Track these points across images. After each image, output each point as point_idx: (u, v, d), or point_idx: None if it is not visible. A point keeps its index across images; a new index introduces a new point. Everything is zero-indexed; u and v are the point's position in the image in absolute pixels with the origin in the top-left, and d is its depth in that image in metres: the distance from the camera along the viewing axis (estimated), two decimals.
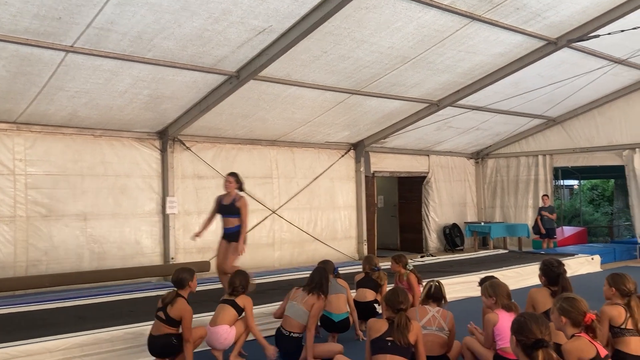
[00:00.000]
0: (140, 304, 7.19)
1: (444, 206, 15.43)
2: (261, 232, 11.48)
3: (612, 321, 4.25)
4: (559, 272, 4.85)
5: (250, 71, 8.29)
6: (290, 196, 11.99)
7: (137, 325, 5.71)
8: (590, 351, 3.43)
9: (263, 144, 11.61)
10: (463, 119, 12.78)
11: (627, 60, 11.16)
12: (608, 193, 23.61)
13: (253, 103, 9.68)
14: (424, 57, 9.28)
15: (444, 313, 4.88)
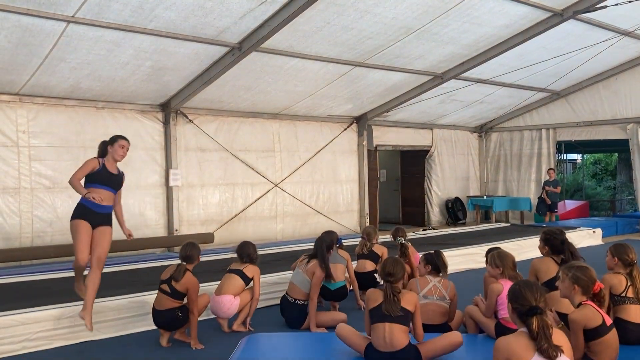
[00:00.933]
0: (145, 274, 7.27)
1: (446, 180, 15.43)
2: (264, 205, 11.53)
3: (612, 289, 4.30)
4: (563, 239, 4.88)
5: (252, 42, 8.23)
6: (293, 170, 12.00)
7: (142, 294, 5.79)
8: (596, 319, 3.49)
9: (265, 117, 11.58)
10: (467, 92, 12.70)
11: (634, 32, 11.03)
12: (611, 167, 23.55)
13: (255, 75, 9.62)
14: (428, 29, 9.18)
15: (445, 283, 4.93)
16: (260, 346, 4.50)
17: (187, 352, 4.89)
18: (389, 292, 3.96)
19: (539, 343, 2.84)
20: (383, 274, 4.11)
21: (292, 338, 4.81)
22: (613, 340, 3.52)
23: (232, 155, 11.00)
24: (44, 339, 5.04)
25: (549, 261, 4.84)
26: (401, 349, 3.87)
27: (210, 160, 10.74)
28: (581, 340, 3.49)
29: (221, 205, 10.90)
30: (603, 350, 3.48)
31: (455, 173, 15.68)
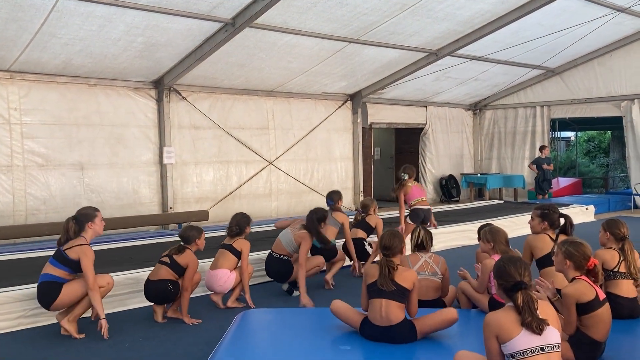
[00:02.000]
0: (140, 251, 7.28)
1: (440, 158, 15.45)
2: (258, 183, 11.53)
3: (605, 264, 4.35)
4: (561, 213, 4.92)
5: (246, 18, 8.13)
6: (287, 147, 11.97)
7: (137, 271, 5.80)
8: (589, 294, 3.52)
9: (259, 95, 11.50)
10: (462, 69, 12.64)
11: (630, 8, 10.97)
12: (604, 145, 23.64)
13: (249, 52, 9.53)
14: (424, 4, 9.10)
15: (436, 258, 4.97)
16: (255, 322, 4.53)
17: (183, 329, 4.93)
18: (384, 266, 3.98)
19: (524, 317, 2.87)
20: (381, 247, 4.13)
21: (287, 314, 4.85)
22: (605, 314, 3.57)
23: (226, 133, 10.95)
24: (39, 315, 5.05)
25: (544, 237, 4.87)
26: (397, 324, 3.91)
27: (204, 138, 10.69)
28: (573, 314, 3.53)
29: (215, 183, 10.88)
30: (595, 324, 3.53)
31: (449, 151, 15.69)
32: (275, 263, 5.83)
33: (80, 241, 4.64)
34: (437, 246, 8.25)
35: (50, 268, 4.66)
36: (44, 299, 4.65)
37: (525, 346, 2.85)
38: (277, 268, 5.83)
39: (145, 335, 4.80)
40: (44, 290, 4.63)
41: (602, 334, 3.55)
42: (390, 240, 4.08)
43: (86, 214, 4.79)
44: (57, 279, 4.61)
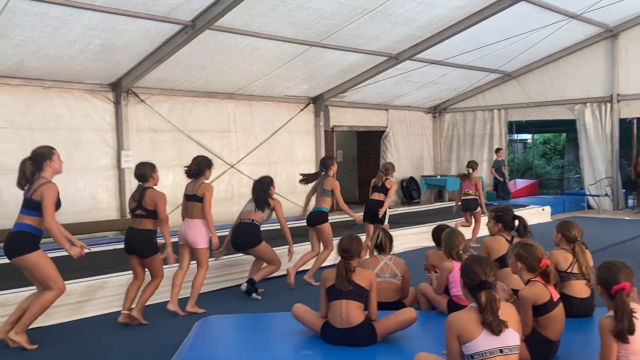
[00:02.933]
0: (97, 258, 7.09)
1: (401, 160, 15.59)
2: (219, 187, 11.39)
3: (558, 265, 4.46)
4: (514, 215, 5.02)
5: (206, 20, 8.06)
6: (249, 150, 11.91)
7: (94, 279, 5.68)
8: (544, 296, 3.60)
9: (220, 97, 11.40)
10: (421, 73, 12.82)
11: (582, 15, 11.34)
12: (560, 147, 24.31)
13: (209, 54, 9.45)
14: (384, 9, 9.19)
15: (396, 260, 5.02)
16: (215, 328, 4.48)
17: (141, 336, 4.84)
18: (342, 268, 3.99)
19: (485, 316, 2.90)
20: (339, 249, 4.13)
21: (247, 320, 4.81)
22: (560, 315, 3.66)
23: (186, 136, 10.81)
24: None
25: (500, 239, 4.97)
26: (357, 325, 3.92)
27: (163, 141, 10.53)
28: (530, 315, 3.61)
29: (175, 187, 10.69)
30: (550, 324, 3.61)
31: (410, 153, 15.88)
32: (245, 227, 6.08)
33: (42, 181, 4.51)
34: (397, 248, 8.33)
35: (21, 217, 4.53)
36: (11, 249, 4.49)
37: (485, 347, 2.89)
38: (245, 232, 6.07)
39: (102, 344, 4.70)
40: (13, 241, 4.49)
41: (556, 333, 3.64)
42: (348, 244, 4.10)
43: (42, 152, 4.66)
44: (28, 228, 4.48)
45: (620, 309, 2.93)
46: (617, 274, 3.01)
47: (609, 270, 3.07)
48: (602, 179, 13.53)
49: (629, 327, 2.89)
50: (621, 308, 2.93)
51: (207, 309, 5.57)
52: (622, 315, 2.91)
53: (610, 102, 13.35)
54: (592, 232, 9.72)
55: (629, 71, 13.06)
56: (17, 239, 4.50)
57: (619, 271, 3.03)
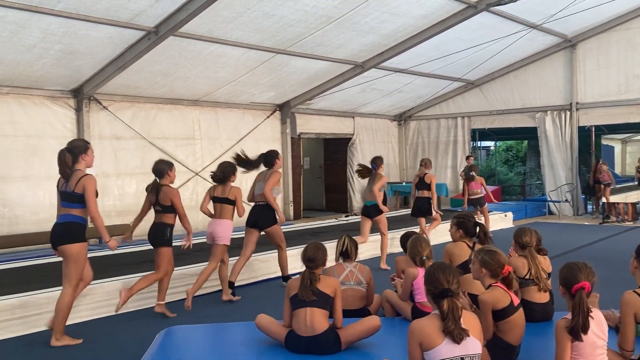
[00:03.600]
0: (56, 268, 6.89)
1: None
2: (184, 195, 11.11)
3: (517, 272, 4.52)
4: (475, 222, 5.08)
5: (170, 27, 7.98)
6: (214, 158, 11.77)
7: (52, 290, 5.51)
8: (504, 300, 3.65)
9: (184, 104, 11.29)
10: (387, 81, 12.94)
11: (541, 25, 11.63)
12: (522, 154, 24.84)
13: (173, 61, 9.35)
14: (349, 18, 9.26)
15: (361, 267, 5.02)
16: (178, 339, 4.40)
17: (99, 350, 4.73)
18: (306, 277, 3.98)
19: (447, 324, 2.92)
20: (304, 259, 4.11)
21: (211, 330, 4.75)
22: (520, 319, 3.71)
23: (149, 143, 10.65)
24: None
25: (462, 245, 5.02)
26: (321, 333, 3.91)
27: (126, 149, 10.36)
28: (490, 320, 3.66)
29: (138, 195, 10.49)
30: (510, 329, 3.67)
31: None
32: (260, 209, 6.68)
33: (80, 174, 4.81)
34: (364, 254, 8.38)
35: (66, 210, 4.84)
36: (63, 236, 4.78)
37: (446, 355, 2.91)
38: (261, 214, 6.64)
39: (59, 357, 4.57)
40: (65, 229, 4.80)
41: (516, 338, 3.70)
42: (314, 253, 4.09)
43: (78, 145, 4.97)
44: (77, 219, 4.82)
45: (578, 306, 3.00)
46: (577, 274, 3.09)
47: (570, 270, 3.14)
48: (563, 185, 13.87)
49: (583, 325, 2.96)
50: (579, 305, 3.00)
51: (170, 319, 5.48)
52: (578, 312, 2.98)
53: (569, 110, 13.70)
54: (553, 237, 9.97)
55: (587, 80, 13.44)
56: (69, 228, 4.81)
57: (579, 271, 3.11)
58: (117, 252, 7.81)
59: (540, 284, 4.54)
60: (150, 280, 5.54)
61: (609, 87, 13.14)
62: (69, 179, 4.81)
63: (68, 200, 4.83)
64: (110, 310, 5.74)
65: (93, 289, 5.74)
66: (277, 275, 7.20)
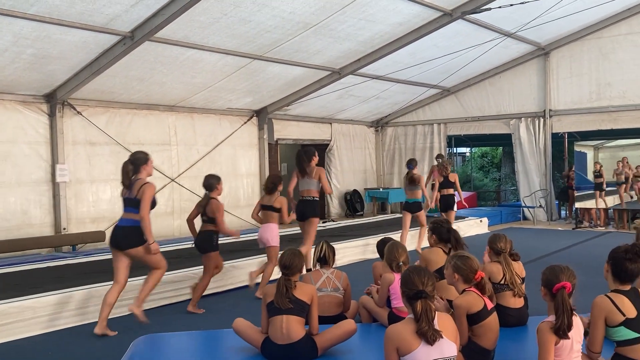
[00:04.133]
0: (28, 276, 6.78)
1: (345, 173, 15.74)
2: (160, 201, 11.00)
3: (492, 277, 4.57)
4: (448, 228, 5.12)
5: (145, 32, 7.90)
6: (191, 164, 11.70)
7: (25, 299, 5.40)
8: (478, 304, 3.69)
9: (160, 109, 11.18)
10: (364, 87, 13.00)
11: (516, 33, 11.82)
12: (497, 160, 25.17)
13: (149, 66, 9.27)
14: (326, 24, 9.29)
15: (338, 274, 5.02)
16: (152, 348, 4.34)
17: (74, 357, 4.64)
18: (282, 285, 3.96)
19: (420, 325, 2.94)
20: (280, 265, 4.10)
21: (187, 338, 4.69)
22: (494, 323, 3.75)
23: (124, 149, 10.48)
24: None
25: (437, 251, 5.06)
26: (297, 340, 3.89)
27: (100, 155, 10.21)
28: (465, 324, 3.68)
29: (113, 201, 10.38)
30: (484, 333, 3.70)
31: (354, 166, 16.03)
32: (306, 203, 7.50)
33: (142, 182, 5.33)
34: (341, 260, 8.39)
35: (128, 214, 5.32)
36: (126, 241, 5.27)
37: (423, 359, 2.92)
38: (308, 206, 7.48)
39: None
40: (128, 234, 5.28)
41: (491, 342, 3.73)
42: (290, 259, 4.07)
43: (140, 157, 5.51)
44: (136, 223, 5.26)
45: (561, 304, 3.05)
46: (559, 274, 3.16)
47: (552, 271, 3.21)
48: (537, 191, 14.07)
49: (569, 324, 3.02)
50: (562, 305, 3.05)
51: (146, 326, 5.41)
52: (562, 311, 3.03)
53: (543, 117, 13.93)
54: (527, 243, 10.11)
55: (560, 88, 13.69)
56: (131, 232, 5.29)
57: (561, 272, 3.17)
58: (87, 260, 7.73)
59: (515, 289, 4.59)
60: (205, 282, 6.18)
61: (581, 94, 13.39)
62: (132, 187, 5.32)
63: (130, 206, 5.33)
64: (83, 319, 5.65)
65: (66, 297, 5.64)
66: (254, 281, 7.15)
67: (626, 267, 3.31)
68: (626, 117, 12.82)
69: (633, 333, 3.19)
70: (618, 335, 3.22)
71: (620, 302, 3.23)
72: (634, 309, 3.22)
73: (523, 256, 5.02)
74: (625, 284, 3.34)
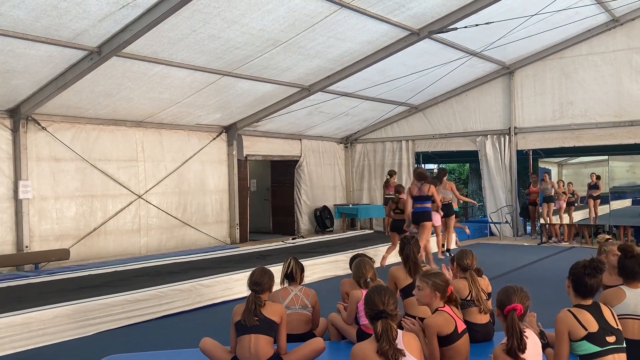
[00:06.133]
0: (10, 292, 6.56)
1: (315, 189, 15.75)
2: (126, 218, 10.96)
3: (458, 294, 4.60)
4: (407, 243, 5.16)
5: (113, 47, 7.84)
6: (158, 180, 11.56)
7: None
8: (449, 326, 3.70)
9: (128, 125, 11.04)
10: (333, 104, 13.09)
11: (481, 53, 12.09)
12: (464, 176, 25.52)
13: (117, 81, 9.17)
14: (295, 42, 9.35)
15: (307, 291, 4.99)
16: None
17: None
18: (251, 302, 3.92)
19: (380, 345, 2.98)
20: (250, 283, 4.06)
21: (154, 358, 4.60)
22: (463, 346, 3.77)
23: (90, 165, 10.35)
24: None
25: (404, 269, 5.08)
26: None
27: (65, 171, 10.01)
28: (435, 345, 3.70)
29: (78, 218, 10.18)
30: (454, 355, 3.72)
31: (323, 182, 16.07)
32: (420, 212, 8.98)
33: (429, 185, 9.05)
34: (311, 277, 8.36)
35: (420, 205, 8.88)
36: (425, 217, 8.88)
37: None
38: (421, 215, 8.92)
39: None
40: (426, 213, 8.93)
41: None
42: (260, 277, 4.04)
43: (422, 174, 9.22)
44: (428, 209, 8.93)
45: (511, 327, 3.11)
46: (511, 296, 3.21)
47: (505, 293, 3.27)
48: (503, 207, 14.31)
49: (519, 345, 3.06)
50: (511, 327, 3.11)
51: (111, 347, 5.28)
52: (512, 333, 3.08)
53: (508, 135, 14.22)
54: (494, 258, 10.24)
55: (524, 106, 14.01)
56: (425, 213, 8.88)
57: (513, 294, 3.23)
58: (50, 279, 7.54)
59: (480, 306, 4.64)
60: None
61: (544, 112, 13.73)
62: (421, 188, 8.91)
63: (423, 200, 8.87)
64: (45, 339, 5.50)
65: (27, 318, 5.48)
66: (222, 300, 7.09)
67: (585, 282, 3.37)
68: (588, 134, 13.19)
69: (595, 347, 3.25)
70: (581, 350, 3.28)
71: (583, 316, 3.30)
72: (595, 323, 3.29)
73: (490, 272, 5.09)
74: (587, 298, 3.41)
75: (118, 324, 6.08)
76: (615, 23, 12.42)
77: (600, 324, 3.29)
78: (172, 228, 11.77)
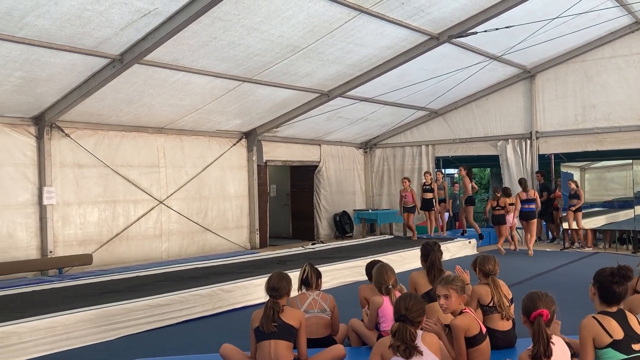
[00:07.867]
0: (12, 300, 6.68)
1: (334, 194, 15.76)
2: (147, 223, 11.08)
3: (481, 300, 4.57)
4: (431, 250, 5.12)
5: (134, 55, 7.95)
6: (179, 186, 11.68)
7: (9, 324, 5.31)
8: (475, 327, 3.73)
9: (149, 132, 11.18)
10: (352, 109, 13.10)
11: (501, 57, 12.00)
12: (485, 181, 25.31)
13: (138, 88, 9.29)
14: (315, 48, 9.38)
15: (324, 295, 4.98)
16: None
17: None
18: (269, 308, 3.93)
19: (394, 342, 3.24)
20: (268, 288, 4.07)
21: None
22: (486, 348, 3.76)
23: (112, 171, 10.49)
24: None
25: (425, 274, 5.06)
26: None
27: (88, 177, 10.17)
28: (462, 345, 3.69)
29: (100, 224, 10.33)
30: (478, 357, 3.71)
31: (342, 187, 16.06)
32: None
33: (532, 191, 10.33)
34: (330, 283, 8.35)
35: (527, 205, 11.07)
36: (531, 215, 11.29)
37: None
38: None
39: None
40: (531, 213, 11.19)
41: None
42: (278, 282, 4.05)
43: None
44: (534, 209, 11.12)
45: (537, 333, 3.11)
46: (537, 302, 3.22)
47: (530, 299, 3.27)
48: None
49: (545, 351, 3.04)
50: (537, 332, 3.12)
51: (133, 351, 5.34)
52: (538, 339, 3.08)
53: (529, 139, 14.07)
54: (516, 264, 10.13)
55: (546, 109, 13.86)
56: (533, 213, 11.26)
57: (539, 299, 3.23)
58: (74, 284, 7.64)
59: (503, 312, 4.59)
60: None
61: (566, 116, 13.56)
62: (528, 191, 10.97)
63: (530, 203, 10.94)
64: (70, 344, 5.57)
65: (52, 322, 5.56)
66: (243, 305, 7.11)
67: (613, 290, 3.33)
68: (611, 138, 12.99)
69: (621, 354, 3.20)
70: (606, 357, 3.23)
71: (608, 323, 3.25)
72: (621, 330, 3.24)
73: (511, 278, 5.03)
74: (612, 306, 3.36)
75: (140, 328, 6.13)
76: (638, 25, 12.24)
77: (626, 332, 3.23)
78: (193, 233, 11.86)
